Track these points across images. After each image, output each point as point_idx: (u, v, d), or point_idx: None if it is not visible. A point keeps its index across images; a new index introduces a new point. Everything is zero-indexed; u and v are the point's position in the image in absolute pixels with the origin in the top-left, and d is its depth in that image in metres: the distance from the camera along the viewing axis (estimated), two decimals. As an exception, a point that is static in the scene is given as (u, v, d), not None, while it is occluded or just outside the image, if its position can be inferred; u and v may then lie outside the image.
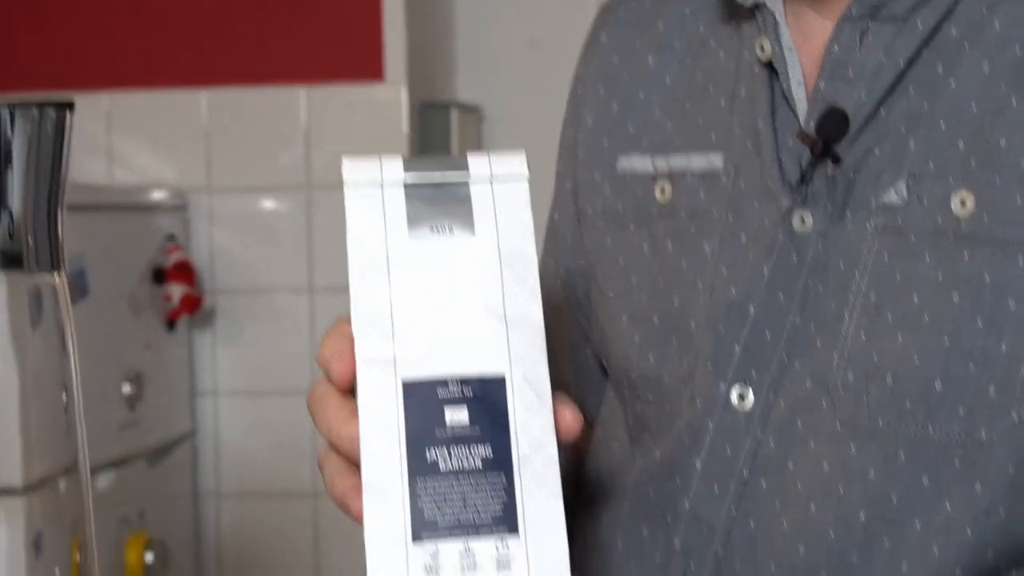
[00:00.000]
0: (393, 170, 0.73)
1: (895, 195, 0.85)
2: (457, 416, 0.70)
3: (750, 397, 0.88)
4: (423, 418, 0.70)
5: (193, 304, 2.23)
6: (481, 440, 0.70)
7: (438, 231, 0.73)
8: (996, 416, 0.81)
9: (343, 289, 0.74)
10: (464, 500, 0.69)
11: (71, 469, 0.74)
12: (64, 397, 0.72)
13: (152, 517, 2.14)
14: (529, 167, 0.73)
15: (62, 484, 0.72)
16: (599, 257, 0.99)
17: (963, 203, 0.83)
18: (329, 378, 0.73)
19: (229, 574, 2.35)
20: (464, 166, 0.73)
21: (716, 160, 0.93)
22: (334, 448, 0.73)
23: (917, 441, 0.82)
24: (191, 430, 2.33)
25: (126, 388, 2.09)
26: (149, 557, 2.06)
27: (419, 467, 0.69)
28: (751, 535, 0.86)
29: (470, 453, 0.69)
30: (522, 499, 0.69)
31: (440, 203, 0.73)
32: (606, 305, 0.98)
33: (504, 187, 0.73)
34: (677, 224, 0.94)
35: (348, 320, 0.73)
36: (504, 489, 0.69)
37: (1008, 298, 0.81)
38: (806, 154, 0.87)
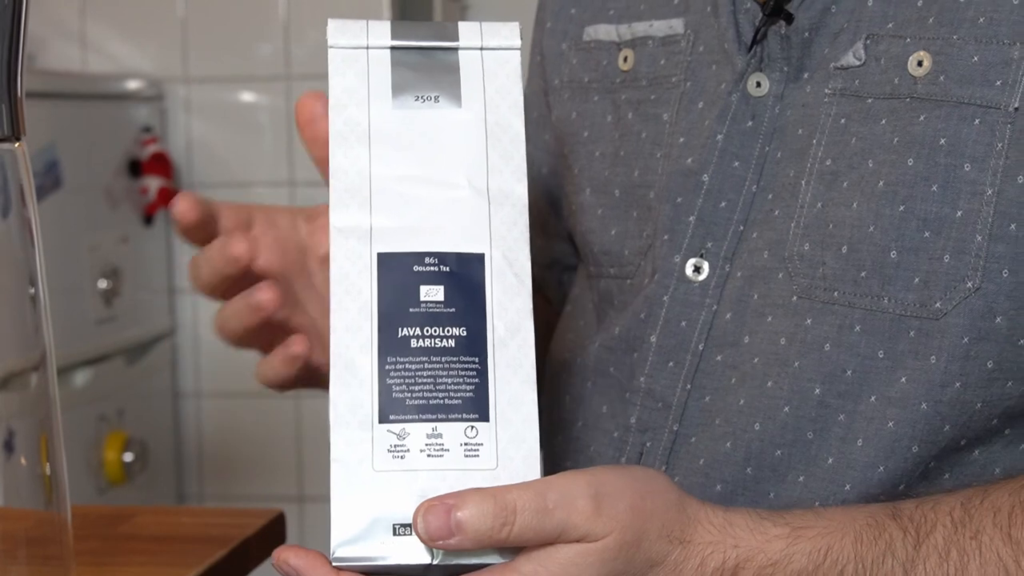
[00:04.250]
0: (380, 34, 0.72)
1: (853, 57, 0.83)
2: (432, 293, 0.68)
3: (705, 269, 0.86)
4: (396, 293, 0.68)
5: (170, 197, 2.17)
6: (455, 319, 0.68)
7: (423, 100, 0.71)
8: (951, 285, 0.79)
9: (324, 184, 0.73)
10: (435, 381, 0.68)
11: (41, 365, 0.71)
12: (31, 290, 0.70)
13: (131, 416, 2.12)
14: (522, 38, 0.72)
15: (33, 380, 0.70)
16: (565, 130, 0.98)
17: (920, 63, 0.81)
18: None
19: (210, 475, 2.33)
20: (454, 34, 0.72)
21: (677, 25, 0.92)
22: None
23: (872, 313, 0.80)
24: (170, 328, 2.30)
25: (102, 283, 2.05)
26: (128, 456, 2.05)
27: (390, 344, 0.68)
28: (706, 410, 0.85)
29: (443, 332, 0.68)
30: (495, 384, 0.68)
31: (427, 71, 0.72)
32: (572, 179, 0.96)
33: (494, 57, 0.72)
34: (638, 92, 0.93)
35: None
36: (477, 372, 0.68)
37: (963, 162, 0.78)
38: (760, 14, 0.86)
